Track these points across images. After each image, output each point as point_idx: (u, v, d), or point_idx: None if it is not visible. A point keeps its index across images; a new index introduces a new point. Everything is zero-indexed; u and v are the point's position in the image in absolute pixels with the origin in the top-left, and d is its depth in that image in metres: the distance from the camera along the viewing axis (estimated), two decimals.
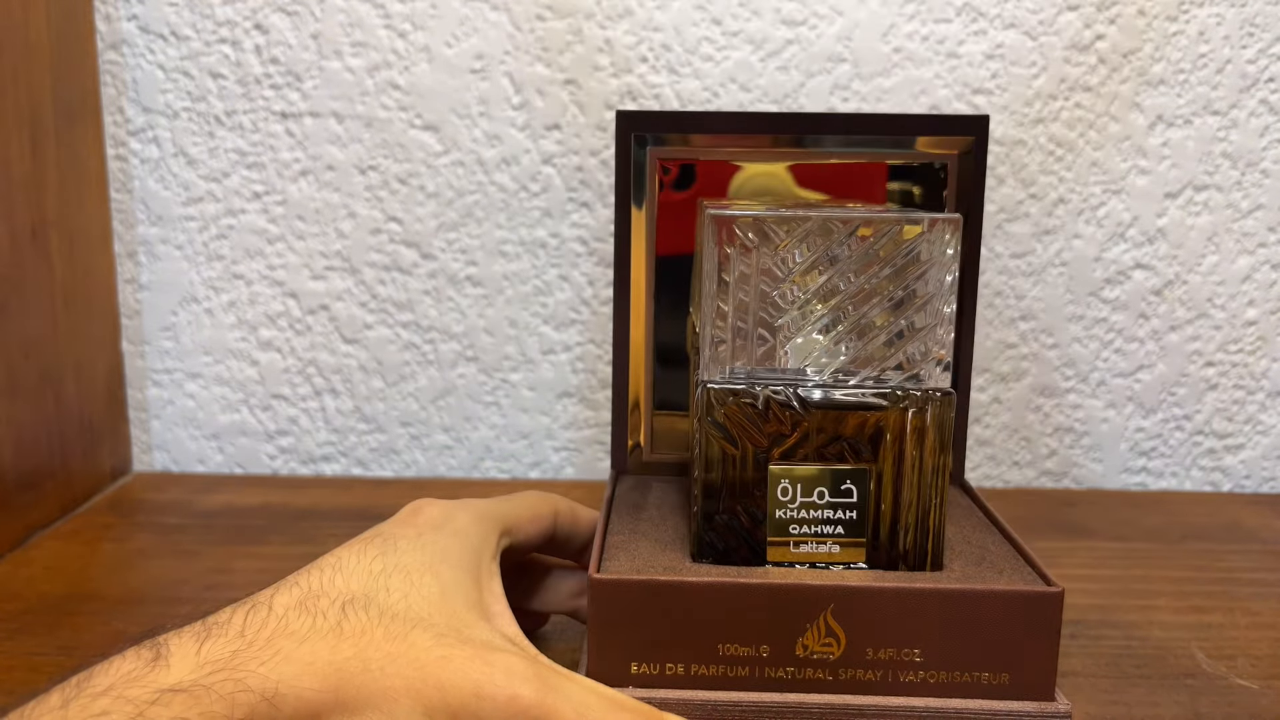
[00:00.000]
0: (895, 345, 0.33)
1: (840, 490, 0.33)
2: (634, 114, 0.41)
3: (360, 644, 0.27)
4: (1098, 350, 0.66)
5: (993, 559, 0.34)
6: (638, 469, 0.43)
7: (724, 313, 0.33)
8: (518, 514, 0.37)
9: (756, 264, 0.32)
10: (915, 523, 0.33)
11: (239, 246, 0.65)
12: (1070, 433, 0.67)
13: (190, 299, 0.66)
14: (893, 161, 0.41)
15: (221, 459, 0.68)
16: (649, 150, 0.41)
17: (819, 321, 0.33)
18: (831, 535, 0.33)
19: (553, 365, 0.66)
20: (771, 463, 0.33)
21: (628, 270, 0.42)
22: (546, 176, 0.64)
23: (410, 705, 0.26)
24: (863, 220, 0.32)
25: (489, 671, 0.27)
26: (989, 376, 0.66)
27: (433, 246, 0.65)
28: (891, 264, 0.32)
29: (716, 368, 0.33)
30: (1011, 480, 0.68)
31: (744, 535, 0.33)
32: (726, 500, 0.33)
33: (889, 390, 0.32)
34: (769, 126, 0.41)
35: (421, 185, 0.64)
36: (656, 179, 0.41)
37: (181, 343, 0.66)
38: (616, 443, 0.43)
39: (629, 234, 0.41)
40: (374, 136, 0.63)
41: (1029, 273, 0.65)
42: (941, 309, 0.32)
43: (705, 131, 0.41)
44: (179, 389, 0.67)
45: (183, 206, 0.65)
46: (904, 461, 0.33)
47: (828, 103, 0.63)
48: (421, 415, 0.67)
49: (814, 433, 0.33)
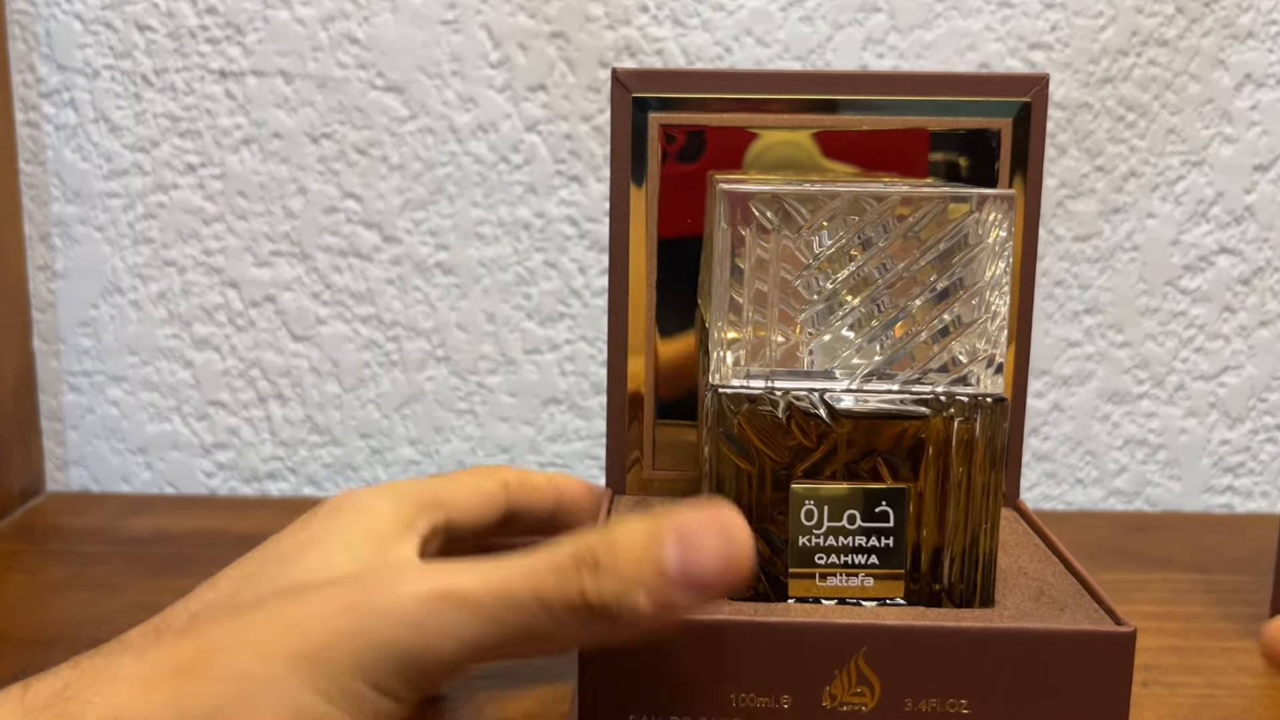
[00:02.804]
0: (939, 343, 0.33)
1: (874, 513, 0.33)
2: (633, 73, 0.41)
3: (205, 637, 0.28)
4: (1175, 349, 0.66)
5: (1052, 593, 0.34)
6: (637, 488, 0.43)
7: (738, 305, 0.33)
8: (451, 489, 0.37)
9: (776, 248, 0.32)
10: (962, 552, 0.33)
11: (170, 228, 0.65)
12: (1144, 446, 0.67)
13: (113, 289, 0.66)
14: (935, 129, 0.41)
15: (149, 476, 0.68)
16: (650, 116, 0.41)
17: (849, 316, 0.33)
18: (864, 566, 0.33)
19: (537, 367, 0.66)
20: (794, 481, 0.33)
21: (625, 256, 0.42)
22: (530, 146, 0.64)
23: (271, 659, 0.27)
24: (901, 197, 0.32)
25: (342, 594, 0.28)
26: (1048, 380, 0.66)
27: (397, 228, 0.65)
28: (934, 248, 0.32)
29: (729, 369, 0.33)
30: (1074, 501, 0.68)
31: (762, 566, 0.33)
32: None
33: (931, 396, 0.32)
34: (790, 87, 0.41)
35: (384, 156, 0.64)
36: (659, 149, 0.41)
37: (103, 341, 0.66)
38: (612, 458, 0.43)
39: (627, 213, 0.41)
40: (328, 99, 0.63)
41: (1095, 258, 0.65)
42: (993, 301, 0.32)
43: (716, 93, 0.41)
44: (100, 395, 0.67)
45: (104, 181, 0.65)
46: (949, 480, 0.33)
47: (859, 59, 0.63)
48: (384, 425, 0.67)
49: (843, 446, 0.33)
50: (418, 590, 0.27)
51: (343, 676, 0.26)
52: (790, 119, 0.41)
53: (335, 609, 0.27)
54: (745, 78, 0.41)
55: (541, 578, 0.28)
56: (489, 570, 0.28)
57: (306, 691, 0.26)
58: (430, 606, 0.27)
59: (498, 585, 0.28)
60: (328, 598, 0.28)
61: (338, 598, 0.28)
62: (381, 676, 0.27)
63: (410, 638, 0.27)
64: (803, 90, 0.41)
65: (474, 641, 0.27)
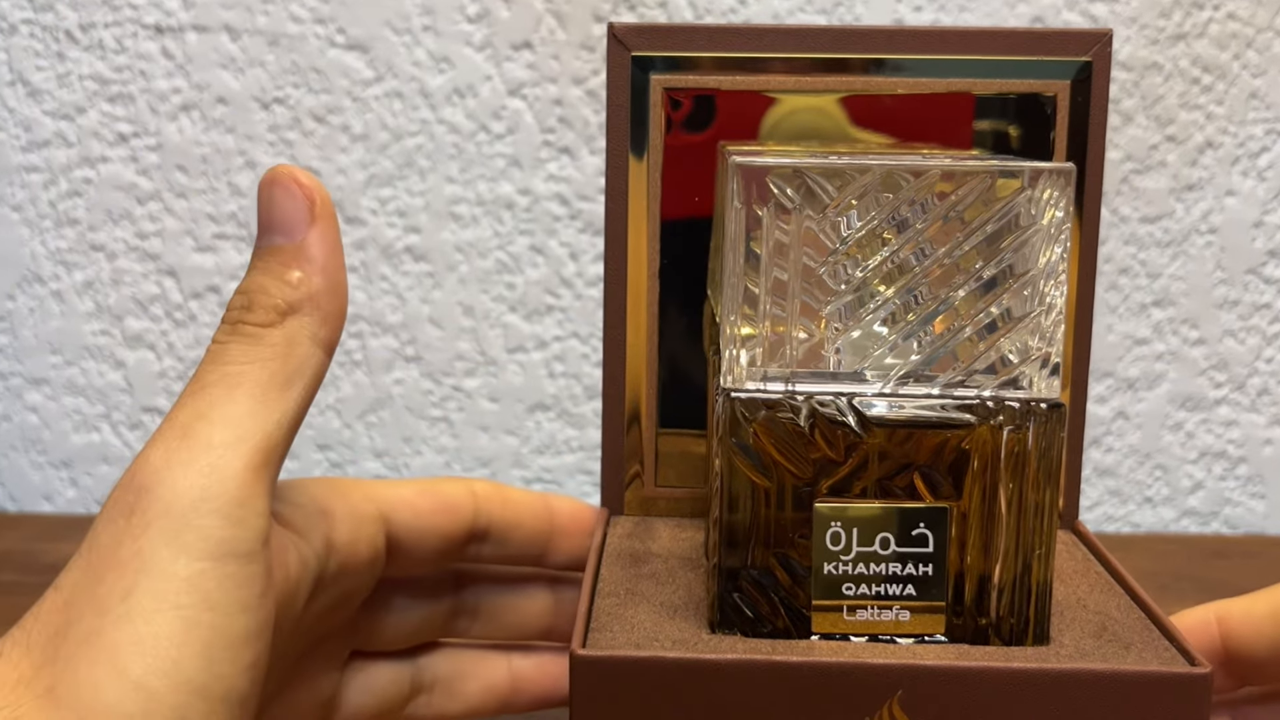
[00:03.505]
0: (985, 341, 0.33)
1: (911, 537, 0.33)
2: (633, 28, 0.41)
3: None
4: (1258, 347, 0.66)
5: (1116, 629, 0.34)
6: (638, 507, 0.43)
7: (754, 296, 0.33)
8: (398, 490, 0.38)
9: (798, 231, 0.32)
10: (1013, 581, 0.33)
11: (98, 207, 0.65)
12: (1222, 459, 0.67)
13: (32, 278, 0.66)
14: (980, 93, 0.41)
15: (75, 494, 0.68)
16: (653, 78, 0.41)
17: (882, 309, 0.33)
18: (899, 598, 0.33)
19: (522, 367, 0.66)
20: (818, 499, 0.33)
21: (624, 239, 0.42)
22: (514, 113, 0.64)
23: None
24: (942, 171, 0.32)
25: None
26: (1112, 383, 0.66)
27: (360, 207, 0.65)
28: (980, 230, 0.32)
29: (743, 370, 0.33)
30: (1142, 523, 0.68)
31: (781, 598, 0.33)
32: (756, 550, 0.33)
33: (977, 401, 0.33)
34: (813, 44, 0.41)
35: (345, 125, 0.64)
36: (663, 116, 0.41)
37: (20, 337, 0.67)
38: (609, 472, 0.43)
39: (625, 191, 0.41)
40: (280, 59, 0.64)
41: (1166, 243, 0.65)
42: (1048, 291, 0.32)
43: (728, 51, 0.41)
44: (17, 400, 0.67)
45: (22, 153, 0.65)
46: (997, 498, 0.33)
47: (893, 13, 0.63)
48: (345, 435, 0.67)
49: (875, 459, 0.33)
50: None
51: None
52: (814, 81, 0.41)
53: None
54: (762, 34, 0.41)
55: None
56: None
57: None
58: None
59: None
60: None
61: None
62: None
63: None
64: (828, 48, 0.41)
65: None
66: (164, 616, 0.29)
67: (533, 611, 0.42)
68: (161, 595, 0.29)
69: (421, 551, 0.39)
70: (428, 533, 0.39)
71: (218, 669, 0.30)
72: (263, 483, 0.32)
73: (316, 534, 0.35)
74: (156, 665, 0.29)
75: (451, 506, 0.39)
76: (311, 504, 0.36)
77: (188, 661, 0.29)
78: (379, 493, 0.38)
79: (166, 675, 0.29)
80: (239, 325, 0.34)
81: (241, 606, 0.30)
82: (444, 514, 0.39)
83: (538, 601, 0.42)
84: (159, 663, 0.29)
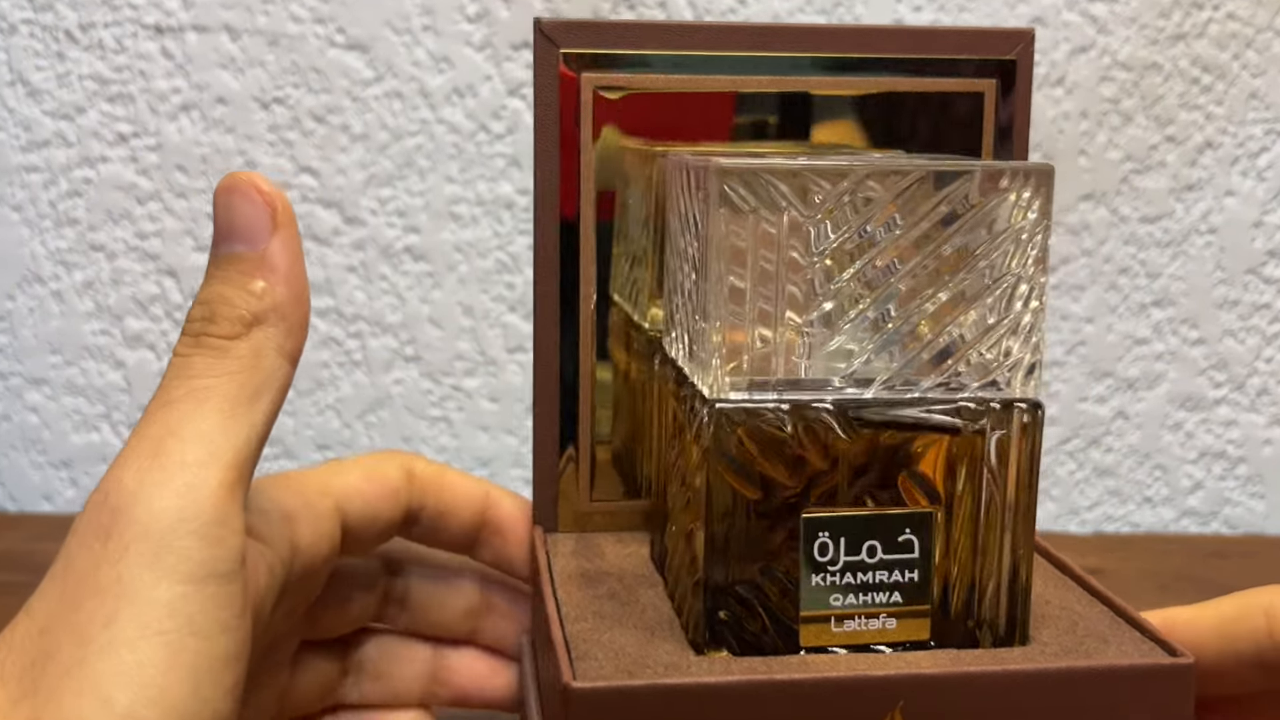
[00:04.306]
0: (965, 343, 0.33)
1: (897, 543, 0.33)
2: (561, 24, 0.39)
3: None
4: (1258, 347, 0.66)
5: (1088, 625, 0.34)
6: (572, 523, 0.42)
7: (737, 304, 0.32)
8: (346, 478, 0.38)
9: (782, 236, 0.32)
10: (999, 582, 0.33)
11: (98, 207, 0.65)
12: (1222, 459, 0.67)
13: (32, 278, 0.66)
14: (908, 89, 0.40)
15: (75, 494, 0.68)
16: (584, 76, 0.40)
17: (862, 314, 0.33)
18: (885, 606, 0.33)
19: (521, 367, 0.66)
20: (805, 509, 0.33)
21: (555, 246, 0.41)
22: (514, 113, 0.64)
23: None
24: (917, 173, 0.32)
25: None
26: (1112, 383, 0.66)
27: (359, 207, 0.65)
28: (959, 233, 0.32)
29: (725, 381, 0.33)
30: (1142, 523, 0.68)
31: (769, 612, 0.33)
32: (740, 565, 0.33)
33: (960, 404, 0.32)
34: (737, 43, 0.40)
35: (344, 124, 0.64)
36: (593, 116, 0.40)
37: (20, 337, 0.67)
38: (541, 489, 0.42)
39: (555, 194, 0.40)
40: (280, 59, 0.64)
41: (1165, 242, 0.65)
42: (1025, 291, 0.32)
43: (657, 49, 0.40)
44: (17, 400, 0.68)
45: (22, 153, 0.65)
46: (982, 500, 0.33)
47: (893, 12, 0.63)
48: (344, 435, 0.67)
49: (861, 465, 0.32)
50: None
51: None
52: (746, 81, 0.40)
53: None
54: (691, 32, 0.40)
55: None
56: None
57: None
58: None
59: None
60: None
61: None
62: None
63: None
64: (753, 47, 0.40)
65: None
66: (148, 643, 0.29)
67: (459, 607, 0.42)
68: (145, 622, 0.29)
69: (366, 537, 0.39)
70: (375, 519, 0.39)
71: (204, 693, 0.29)
72: (237, 500, 0.31)
73: (282, 541, 0.34)
74: (143, 694, 0.28)
75: (391, 490, 0.39)
76: (275, 510, 0.35)
77: (174, 688, 0.29)
78: (332, 484, 0.38)
79: (153, 704, 0.28)
80: (202, 337, 0.33)
81: (223, 628, 0.30)
82: (386, 499, 0.39)
83: (465, 596, 0.42)
84: (146, 691, 0.28)
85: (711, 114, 0.41)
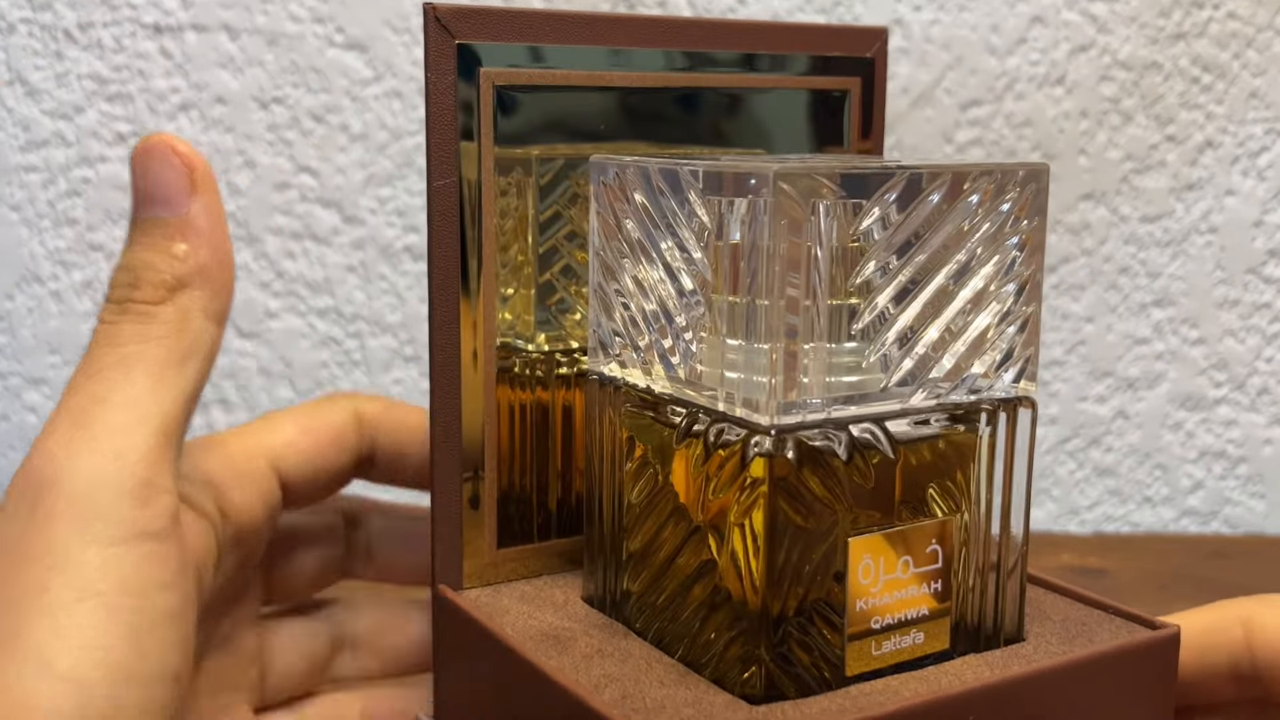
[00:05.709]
0: (969, 346, 0.33)
1: (925, 555, 0.32)
2: (457, 10, 0.35)
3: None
4: (1258, 347, 0.66)
5: (1062, 614, 0.35)
6: (477, 577, 0.37)
7: (753, 322, 0.31)
8: (281, 433, 0.38)
9: (808, 248, 0.31)
10: (1009, 582, 0.33)
11: (97, 207, 0.66)
12: (1222, 458, 0.68)
13: (31, 278, 0.66)
14: (779, 87, 0.40)
15: None
16: (481, 71, 0.35)
17: (859, 323, 0.32)
18: (915, 620, 0.32)
19: None
20: (851, 534, 0.31)
21: (453, 257, 0.37)
22: None
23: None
24: (908, 174, 0.31)
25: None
26: (1112, 383, 0.66)
27: (359, 207, 0.65)
28: (954, 234, 0.32)
29: (762, 401, 0.30)
30: (1142, 523, 0.68)
31: (824, 649, 0.31)
32: (796, 599, 0.30)
33: (971, 407, 0.32)
34: (643, 37, 0.37)
35: (344, 124, 0.64)
36: (492, 115, 0.36)
37: (19, 337, 0.67)
38: (444, 544, 0.36)
39: (454, 206, 0.36)
40: (279, 58, 0.64)
41: (1165, 242, 0.65)
42: (1015, 292, 0.32)
43: (557, 42, 0.36)
44: (16, 400, 0.68)
45: (21, 153, 0.65)
46: (990, 503, 0.33)
47: (893, 11, 0.63)
48: None
49: (900, 480, 0.32)
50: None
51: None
52: (643, 78, 0.38)
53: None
54: (592, 23, 0.37)
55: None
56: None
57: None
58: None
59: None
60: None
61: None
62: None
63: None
64: (655, 42, 0.37)
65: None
66: (84, 606, 0.29)
67: (426, 549, 0.39)
68: (78, 585, 0.29)
69: (314, 488, 0.39)
70: (319, 472, 0.38)
71: (146, 650, 0.29)
72: (168, 460, 0.31)
73: (209, 505, 0.34)
74: (84, 656, 0.28)
75: (336, 438, 0.38)
76: (197, 474, 0.35)
77: (115, 648, 0.29)
78: (264, 443, 0.37)
79: (96, 665, 0.28)
80: (128, 304, 0.33)
81: (160, 585, 0.30)
82: (329, 448, 0.38)
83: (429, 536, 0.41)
84: (87, 653, 0.28)
85: (587, 111, 0.38)
